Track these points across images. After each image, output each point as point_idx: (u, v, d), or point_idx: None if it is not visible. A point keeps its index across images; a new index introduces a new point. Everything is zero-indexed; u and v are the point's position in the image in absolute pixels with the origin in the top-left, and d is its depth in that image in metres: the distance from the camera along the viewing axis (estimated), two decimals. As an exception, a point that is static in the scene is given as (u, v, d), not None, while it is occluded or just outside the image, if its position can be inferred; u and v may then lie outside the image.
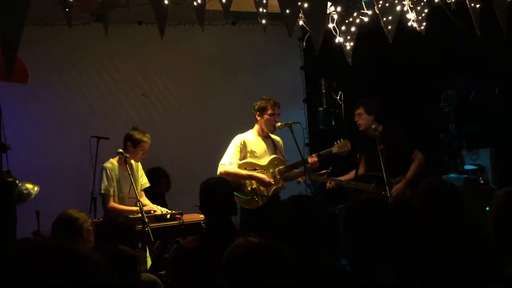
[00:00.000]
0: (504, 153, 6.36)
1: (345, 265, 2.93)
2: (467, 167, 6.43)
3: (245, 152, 5.36)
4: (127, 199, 5.27)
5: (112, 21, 5.91)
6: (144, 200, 5.45)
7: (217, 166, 5.32)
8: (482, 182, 6.08)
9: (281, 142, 5.55)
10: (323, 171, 5.81)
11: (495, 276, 2.07)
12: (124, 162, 5.15)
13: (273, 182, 5.25)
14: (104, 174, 5.26)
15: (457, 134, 6.67)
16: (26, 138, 6.21)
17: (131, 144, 5.30)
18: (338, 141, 5.50)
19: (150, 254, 5.15)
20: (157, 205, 5.45)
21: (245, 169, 5.29)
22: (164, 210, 5.27)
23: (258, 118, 5.42)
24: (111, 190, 5.24)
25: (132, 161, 5.33)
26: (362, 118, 5.76)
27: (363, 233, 2.15)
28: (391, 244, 2.14)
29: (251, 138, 5.42)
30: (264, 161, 5.36)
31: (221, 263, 1.82)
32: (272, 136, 5.52)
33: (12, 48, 3.10)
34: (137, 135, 5.30)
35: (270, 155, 5.41)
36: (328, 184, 5.71)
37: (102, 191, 5.23)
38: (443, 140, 6.79)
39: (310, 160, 5.29)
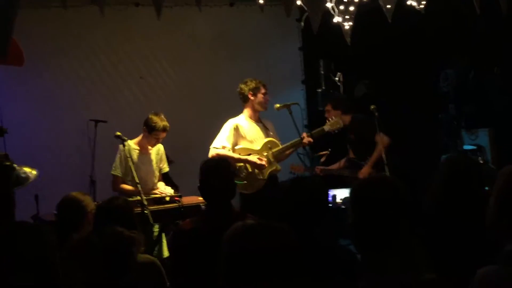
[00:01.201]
0: (503, 133, 6.34)
1: (347, 245, 2.91)
2: (466, 147, 6.42)
3: (238, 136, 5.35)
4: (144, 182, 5.14)
5: (108, 3, 5.86)
6: (160, 184, 5.44)
7: (216, 148, 5.32)
8: (481, 162, 6.07)
9: (271, 124, 5.56)
10: (323, 152, 5.83)
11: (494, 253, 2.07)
12: (144, 145, 5.16)
13: (265, 165, 5.25)
14: (118, 156, 5.24)
15: (456, 114, 6.65)
16: (23, 122, 6.17)
17: (146, 128, 5.25)
18: (330, 119, 5.60)
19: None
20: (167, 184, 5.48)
21: (239, 154, 5.29)
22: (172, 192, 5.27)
23: (252, 98, 5.38)
24: (121, 172, 5.22)
25: (149, 146, 5.31)
26: (331, 114, 6.04)
27: (372, 213, 2.10)
28: (399, 225, 2.10)
29: (244, 122, 5.41)
30: (258, 145, 5.36)
31: (220, 247, 1.80)
32: (263, 120, 5.52)
33: (6, 31, 3.07)
34: (153, 121, 5.18)
35: (263, 138, 5.40)
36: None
37: (111, 172, 5.22)
38: (442, 120, 6.77)
39: (304, 140, 5.30)
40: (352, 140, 6.10)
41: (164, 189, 5.31)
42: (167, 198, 5.11)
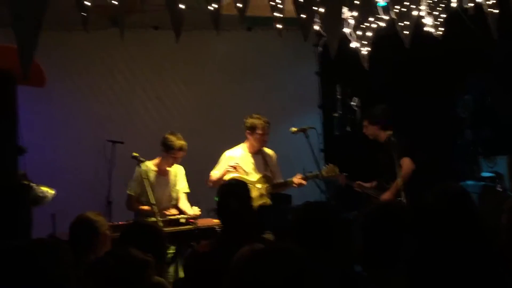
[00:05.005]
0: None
1: (360, 272, 2.90)
2: (484, 174, 6.35)
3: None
4: (158, 203, 5.12)
5: (128, 26, 5.94)
6: (182, 205, 5.43)
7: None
8: (500, 189, 5.99)
9: (274, 156, 5.59)
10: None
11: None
12: (162, 166, 5.17)
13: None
14: (134, 176, 5.26)
15: (473, 140, 6.60)
16: (42, 142, 6.24)
17: (163, 148, 5.26)
18: (326, 165, 5.62)
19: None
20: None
21: None
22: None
23: (248, 136, 5.48)
24: (137, 192, 5.22)
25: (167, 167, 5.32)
26: (368, 129, 5.90)
27: (383, 239, 2.11)
28: (409, 250, 2.11)
29: (239, 155, 5.46)
30: (254, 177, 5.39)
31: (227, 273, 1.77)
32: (265, 150, 5.55)
33: (29, 52, 3.12)
34: (170, 141, 5.20)
35: (259, 171, 5.43)
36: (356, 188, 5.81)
37: (127, 191, 5.23)
38: (459, 146, 6.72)
39: (295, 180, 5.38)
40: (380, 161, 5.73)
41: (189, 211, 5.30)
42: (183, 220, 5.11)
